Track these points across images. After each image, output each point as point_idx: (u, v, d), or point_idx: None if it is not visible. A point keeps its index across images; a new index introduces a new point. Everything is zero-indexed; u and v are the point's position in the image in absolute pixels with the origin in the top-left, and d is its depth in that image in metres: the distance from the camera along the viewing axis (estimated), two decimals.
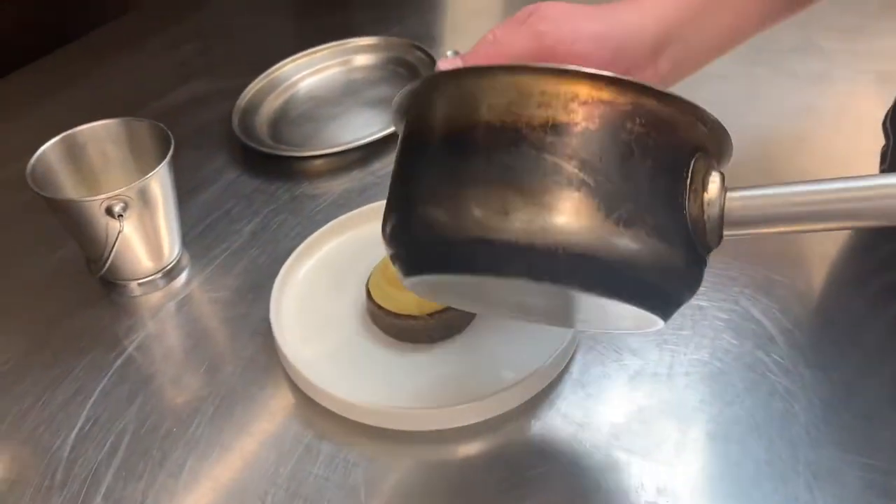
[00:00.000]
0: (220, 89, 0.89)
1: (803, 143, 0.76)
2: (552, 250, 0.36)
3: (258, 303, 0.64)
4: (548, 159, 0.36)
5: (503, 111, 0.37)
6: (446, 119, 0.39)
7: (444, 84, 0.40)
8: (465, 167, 0.38)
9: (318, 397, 0.55)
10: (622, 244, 0.36)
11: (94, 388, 0.59)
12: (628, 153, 0.37)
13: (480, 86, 0.38)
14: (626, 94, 0.37)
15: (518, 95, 0.37)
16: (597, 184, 0.36)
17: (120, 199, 0.59)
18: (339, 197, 0.74)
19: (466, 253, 0.38)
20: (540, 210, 0.36)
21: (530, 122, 0.37)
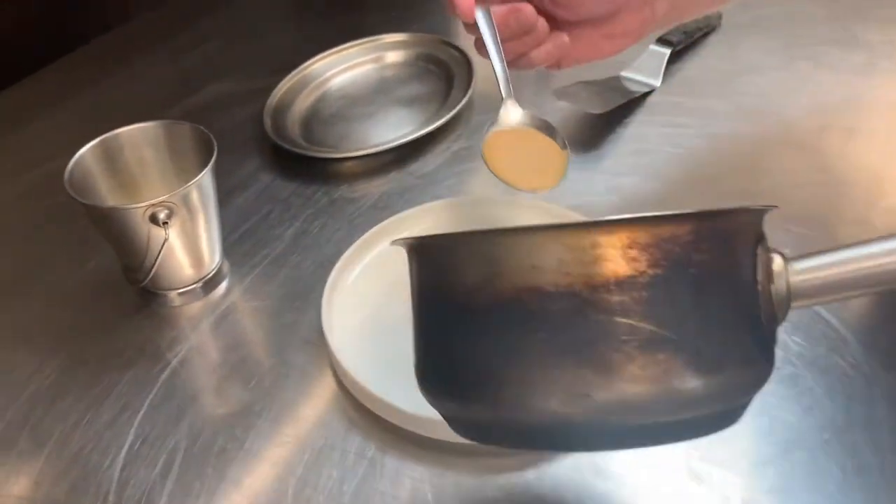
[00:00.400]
0: (247, 89, 0.86)
1: (853, 136, 0.74)
2: (642, 421, 0.33)
3: (305, 311, 0.62)
4: (620, 323, 0.32)
5: (555, 273, 0.33)
6: (488, 284, 0.35)
7: (478, 244, 0.36)
8: (525, 343, 0.33)
9: (381, 410, 0.53)
10: (714, 390, 0.33)
11: (140, 404, 0.56)
12: (699, 287, 0.34)
13: (522, 245, 0.34)
14: (686, 224, 0.34)
15: (568, 252, 0.33)
16: (679, 336, 0.33)
17: (164, 205, 0.56)
18: (378, 199, 0.72)
19: (548, 435, 0.35)
20: (625, 384, 0.32)
21: (590, 282, 0.33)
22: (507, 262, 0.34)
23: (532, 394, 0.33)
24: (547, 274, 0.33)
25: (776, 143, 0.73)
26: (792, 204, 0.67)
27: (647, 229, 0.33)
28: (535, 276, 0.33)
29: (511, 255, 0.34)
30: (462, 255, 0.36)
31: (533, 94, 0.81)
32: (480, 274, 0.34)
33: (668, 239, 0.33)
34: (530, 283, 0.33)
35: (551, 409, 0.33)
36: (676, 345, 0.32)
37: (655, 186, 0.70)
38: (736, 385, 0.34)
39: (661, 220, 0.33)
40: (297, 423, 0.54)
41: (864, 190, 0.68)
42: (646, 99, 0.80)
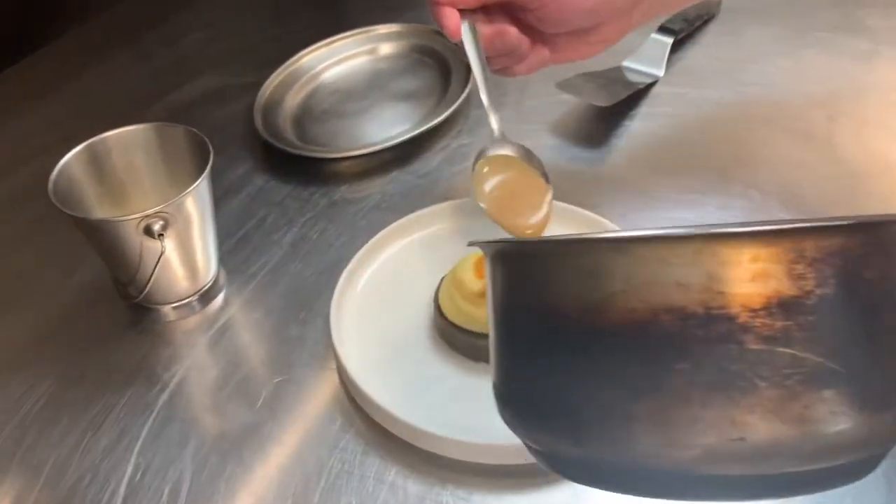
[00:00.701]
0: (234, 84, 0.82)
1: (864, 125, 0.73)
2: (805, 469, 0.29)
3: (310, 323, 0.58)
4: (782, 353, 0.28)
5: (704, 291, 0.28)
6: (613, 301, 0.30)
7: (602, 253, 0.31)
8: (661, 375, 0.29)
9: (402, 432, 0.50)
10: (872, 433, 0.29)
11: (139, 429, 0.53)
12: (870, 309, 0.29)
13: (663, 256, 0.29)
14: (857, 234, 0.29)
15: (722, 266, 0.28)
16: (848, 369, 0.28)
17: (160, 216, 0.52)
18: (381, 201, 0.68)
19: (688, 484, 0.30)
20: (786, 426, 0.28)
21: (748, 304, 0.28)
22: (641, 275, 0.29)
23: (669, 436, 0.28)
24: (694, 292, 0.28)
25: (786, 134, 0.71)
26: (811, 200, 0.65)
27: (814, 240, 0.28)
28: (679, 294, 0.28)
29: (647, 267, 0.29)
30: (578, 265, 0.31)
31: (534, 85, 0.78)
32: (603, 289, 0.29)
33: (837, 252, 0.28)
34: (671, 303, 0.28)
35: (691, 454, 0.28)
36: (844, 379, 0.28)
37: (667, 183, 0.68)
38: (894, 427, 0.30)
39: (829, 231, 0.28)
40: (310, 446, 0.51)
41: (881, 182, 0.67)
42: (650, 90, 0.77)
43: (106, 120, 0.60)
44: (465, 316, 0.53)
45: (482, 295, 0.52)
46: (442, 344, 0.55)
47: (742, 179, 0.67)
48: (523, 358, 0.34)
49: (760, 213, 0.64)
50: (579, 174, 0.70)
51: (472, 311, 0.53)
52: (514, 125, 0.76)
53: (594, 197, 0.67)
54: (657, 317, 0.28)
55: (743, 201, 0.65)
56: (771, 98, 0.76)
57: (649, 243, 0.29)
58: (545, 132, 0.74)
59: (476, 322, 0.53)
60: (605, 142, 0.72)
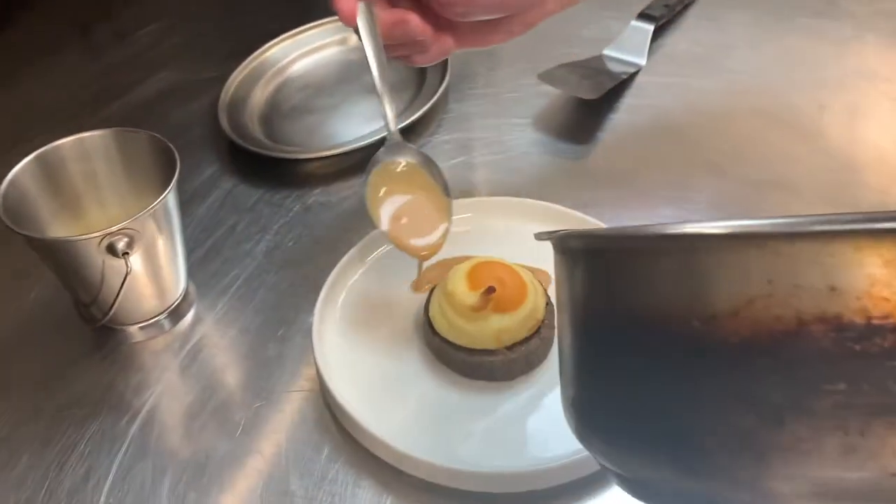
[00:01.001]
0: (194, 80, 0.77)
1: (854, 115, 0.71)
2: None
3: (290, 340, 0.54)
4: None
5: (866, 297, 0.24)
6: (744, 309, 0.25)
7: (731, 250, 0.26)
8: (814, 396, 0.24)
9: (397, 461, 0.46)
10: None
11: (108, 466, 0.48)
12: None
13: (814, 254, 0.24)
14: None
15: (885, 267, 0.24)
16: None
17: (124, 233, 0.48)
18: (358, 204, 0.64)
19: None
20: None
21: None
22: (786, 278, 0.24)
23: (814, 469, 0.24)
24: (852, 298, 0.24)
25: (775, 125, 0.69)
26: (806, 193, 0.63)
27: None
28: (834, 300, 0.24)
29: (794, 267, 0.24)
30: (701, 265, 0.26)
31: (514, 77, 0.75)
32: (735, 294, 0.25)
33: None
34: (824, 311, 0.24)
35: (841, 489, 0.24)
36: None
37: (656, 179, 0.65)
38: None
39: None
40: (297, 478, 0.47)
41: (874, 174, 0.65)
42: (633, 80, 0.74)
43: (57, 124, 0.56)
44: (458, 332, 0.49)
45: (476, 309, 0.49)
46: (434, 361, 0.51)
47: (734, 174, 0.65)
48: (618, 373, 0.29)
49: (756, 210, 0.62)
50: (563, 170, 0.67)
51: (466, 326, 0.49)
52: (493, 119, 0.73)
53: (579, 194, 0.64)
54: (805, 327, 0.24)
55: (736, 197, 0.63)
56: (758, 86, 0.73)
57: (798, 239, 0.25)
58: (527, 126, 0.71)
59: (471, 338, 0.49)
60: (590, 136, 0.69)
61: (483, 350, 0.49)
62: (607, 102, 0.71)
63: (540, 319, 0.50)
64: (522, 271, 0.52)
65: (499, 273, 0.50)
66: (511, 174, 0.66)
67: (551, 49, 0.78)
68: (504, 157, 0.68)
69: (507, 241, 0.58)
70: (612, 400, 0.30)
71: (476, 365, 0.50)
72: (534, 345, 0.50)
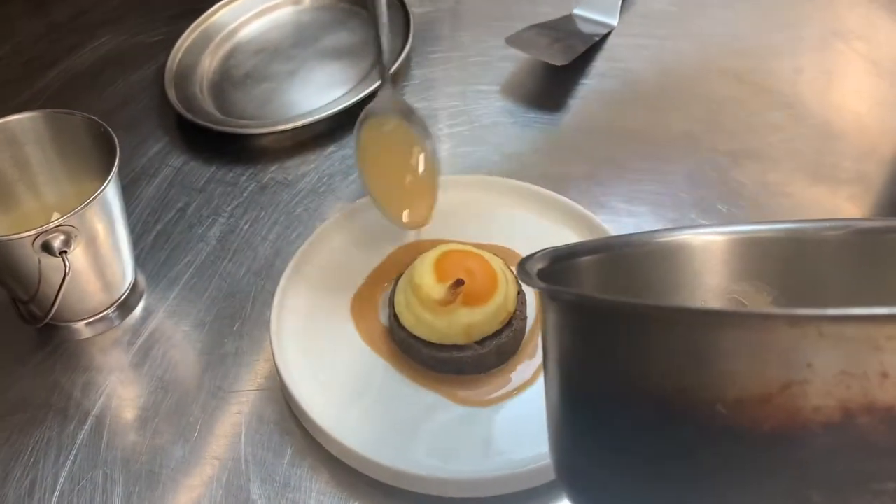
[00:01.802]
0: (139, 44, 0.71)
1: (831, 79, 0.68)
2: None
3: (248, 335, 0.51)
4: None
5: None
6: (783, 396, 0.22)
7: (766, 329, 0.23)
8: (860, 495, 0.22)
9: (365, 468, 0.44)
10: None
11: (55, 478, 0.45)
12: None
13: (864, 337, 0.22)
14: None
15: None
16: None
17: (60, 231, 0.44)
18: (317, 182, 0.61)
19: None
20: None
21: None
22: (833, 362, 0.22)
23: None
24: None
25: (752, 90, 0.66)
26: (783, 163, 0.61)
27: None
28: (885, 389, 0.21)
29: (842, 350, 0.22)
30: (730, 342, 0.23)
31: (480, 41, 0.71)
32: (769, 378, 0.22)
33: None
34: (875, 400, 0.21)
35: None
36: None
37: (630, 149, 0.62)
38: None
39: None
40: (257, 485, 0.45)
41: (852, 142, 0.63)
42: (604, 42, 0.71)
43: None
44: (425, 327, 0.47)
45: (444, 303, 0.46)
46: (401, 356, 0.49)
47: (709, 142, 0.62)
48: (614, 447, 0.26)
49: (733, 183, 0.59)
50: (533, 140, 0.64)
51: (433, 321, 0.47)
52: (458, 87, 0.69)
53: (549, 167, 0.61)
54: (851, 418, 0.22)
55: (711, 168, 0.60)
56: (732, 48, 0.70)
57: (850, 322, 0.22)
58: (494, 94, 0.67)
59: (439, 334, 0.47)
60: (561, 103, 0.66)
61: (452, 346, 0.47)
62: (578, 67, 0.68)
63: (511, 311, 0.48)
64: (493, 259, 0.49)
65: (468, 263, 0.47)
66: (478, 146, 0.63)
67: (519, 7, 0.74)
68: (470, 127, 0.65)
69: (476, 221, 0.55)
70: (604, 474, 0.27)
71: (444, 360, 0.47)
72: (505, 338, 0.47)
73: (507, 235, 0.54)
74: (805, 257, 0.36)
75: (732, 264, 0.36)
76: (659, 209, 0.58)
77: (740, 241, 0.36)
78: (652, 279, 0.36)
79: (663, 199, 0.59)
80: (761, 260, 0.36)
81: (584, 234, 0.53)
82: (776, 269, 0.36)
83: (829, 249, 0.36)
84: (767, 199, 0.58)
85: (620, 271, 0.36)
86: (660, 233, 0.37)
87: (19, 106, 0.66)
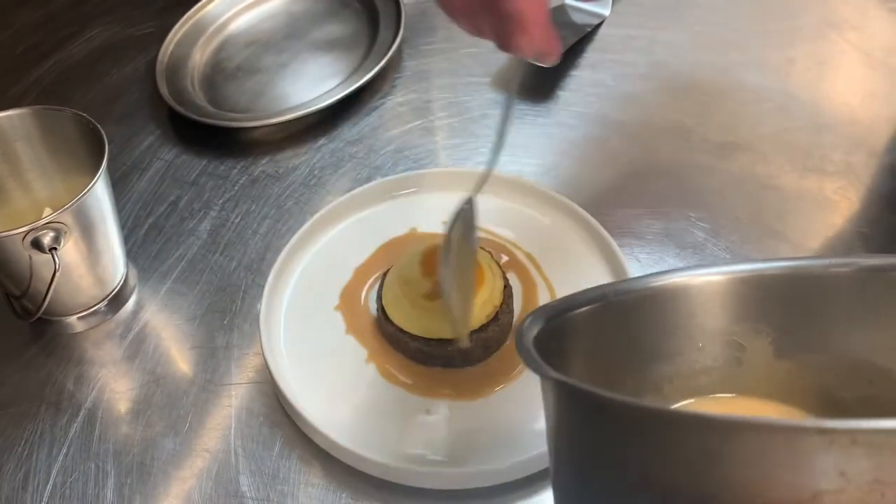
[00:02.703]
0: (132, 36, 0.72)
1: (823, 70, 0.68)
2: None
3: (238, 329, 0.52)
4: None
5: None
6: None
7: (798, 439, 0.23)
8: None
9: (352, 461, 0.45)
10: None
11: (47, 470, 0.46)
12: None
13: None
14: None
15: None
16: None
17: (50, 228, 0.44)
18: (308, 175, 0.61)
19: None
20: None
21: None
22: (864, 471, 0.22)
23: None
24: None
25: (744, 82, 0.66)
26: (772, 157, 0.61)
27: None
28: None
29: (874, 460, 0.21)
30: (746, 448, 0.23)
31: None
32: (790, 486, 0.22)
33: None
34: None
35: None
36: None
37: (618, 142, 0.62)
38: None
39: None
40: (247, 477, 0.45)
41: (841, 136, 0.63)
42: (596, 32, 0.71)
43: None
44: (413, 321, 0.47)
45: (432, 297, 0.47)
46: (389, 349, 0.49)
47: (700, 135, 0.62)
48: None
49: (722, 175, 0.60)
50: (525, 133, 0.64)
51: (420, 315, 0.47)
52: (449, 79, 0.69)
53: (542, 159, 0.61)
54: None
55: (701, 160, 0.60)
56: (725, 39, 0.70)
57: (882, 433, 0.22)
58: (485, 85, 0.67)
59: (426, 328, 0.47)
60: (552, 95, 0.66)
61: (439, 340, 0.47)
62: (570, 58, 0.68)
63: (497, 305, 0.48)
64: (479, 253, 0.49)
65: None
66: (469, 138, 0.63)
67: None
68: (462, 119, 0.65)
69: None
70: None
71: (431, 354, 0.48)
72: (491, 331, 0.48)
73: (494, 225, 0.55)
74: (806, 296, 0.36)
75: (731, 305, 0.36)
76: (647, 200, 0.58)
77: (739, 280, 0.36)
78: (648, 324, 0.37)
79: (651, 192, 0.59)
80: (761, 300, 0.36)
81: (568, 225, 0.54)
82: (776, 309, 0.36)
83: (832, 287, 0.36)
84: (756, 192, 0.58)
85: (617, 320, 0.36)
86: (655, 276, 0.37)
87: (12, 98, 0.67)
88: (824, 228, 0.57)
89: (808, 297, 0.36)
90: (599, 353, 0.36)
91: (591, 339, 0.36)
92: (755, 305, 0.36)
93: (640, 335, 0.37)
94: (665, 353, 0.37)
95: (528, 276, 0.52)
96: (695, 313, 0.36)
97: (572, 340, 0.35)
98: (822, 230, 0.57)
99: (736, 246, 0.55)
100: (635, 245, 0.55)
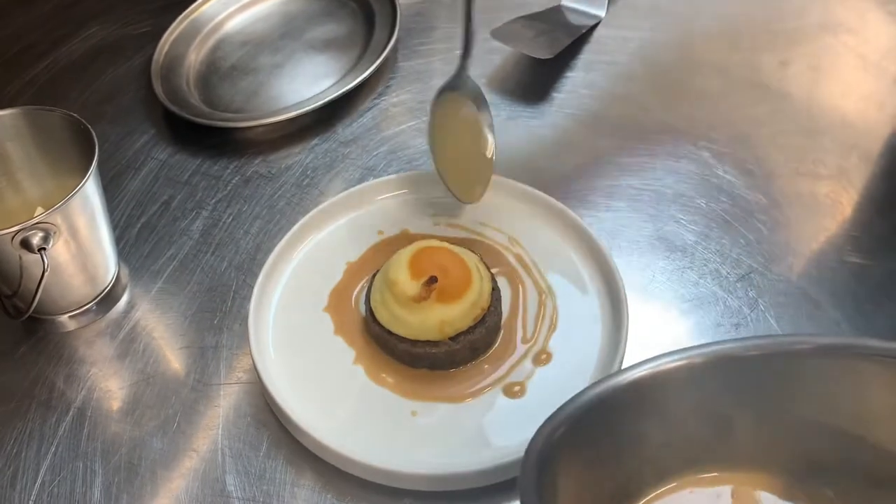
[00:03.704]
0: (127, 36, 0.72)
1: (817, 74, 0.68)
2: None
3: (228, 329, 0.52)
4: None
5: None
6: None
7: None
8: None
9: (338, 462, 0.45)
10: None
11: (35, 469, 0.47)
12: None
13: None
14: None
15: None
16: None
17: (39, 228, 0.45)
18: (301, 175, 0.61)
19: None
20: None
21: None
22: None
23: None
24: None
25: (737, 84, 0.66)
26: (766, 162, 0.61)
27: None
28: None
29: None
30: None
31: None
32: None
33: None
34: None
35: None
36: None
37: (614, 143, 0.62)
38: None
39: None
40: (234, 476, 0.46)
41: (835, 139, 0.62)
42: (591, 33, 0.71)
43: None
44: (400, 323, 0.47)
45: (418, 300, 0.47)
46: (377, 350, 0.50)
47: (693, 137, 0.62)
48: None
49: (715, 178, 0.59)
50: (518, 133, 0.64)
51: (408, 317, 0.47)
52: (442, 79, 0.68)
53: (535, 160, 0.61)
54: None
55: (694, 162, 0.60)
56: (720, 40, 0.70)
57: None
58: (480, 86, 0.67)
59: (413, 330, 0.47)
60: (546, 96, 0.66)
61: (426, 341, 0.48)
62: (564, 59, 0.68)
63: (485, 307, 0.48)
64: (467, 256, 0.50)
65: (441, 260, 0.48)
66: None
67: (508, 3, 0.73)
68: None
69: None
70: None
71: (418, 356, 0.48)
72: (478, 334, 0.48)
73: (483, 227, 0.55)
74: (777, 371, 0.38)
75: (706, 386, 0.38)
76: (638, 204, 0.58)
77: (711, 362, 0.38)
78: (625, 420, 0.38)
79: (644, 193, 0.59)
80: (735, 377, 0.38)
81: (559, 229, 0.54)
82: (751, 383, 0.38)
83: (797, 363, 0.38)
84: (748, 195, 0.58)
85: (594, 428, 0.37)
86: (623, 373, 0.38)
87: (7, 97, 0.68)
88: (815, 232, 0.56)
89: (778, 372, 0.38)
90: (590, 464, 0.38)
91: (581, 465, 0.37)
92: (727, 383, 0.38)
93: (626, 434, 0.38)
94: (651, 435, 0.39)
95: (518, 279, 0.52)
96: (670, 398, 0.38)
97: (564, 466, 0.36)
98: (813, 233, 0.56)
99: (726, 249, 0.55)
100: (625, 247, 0.55)
